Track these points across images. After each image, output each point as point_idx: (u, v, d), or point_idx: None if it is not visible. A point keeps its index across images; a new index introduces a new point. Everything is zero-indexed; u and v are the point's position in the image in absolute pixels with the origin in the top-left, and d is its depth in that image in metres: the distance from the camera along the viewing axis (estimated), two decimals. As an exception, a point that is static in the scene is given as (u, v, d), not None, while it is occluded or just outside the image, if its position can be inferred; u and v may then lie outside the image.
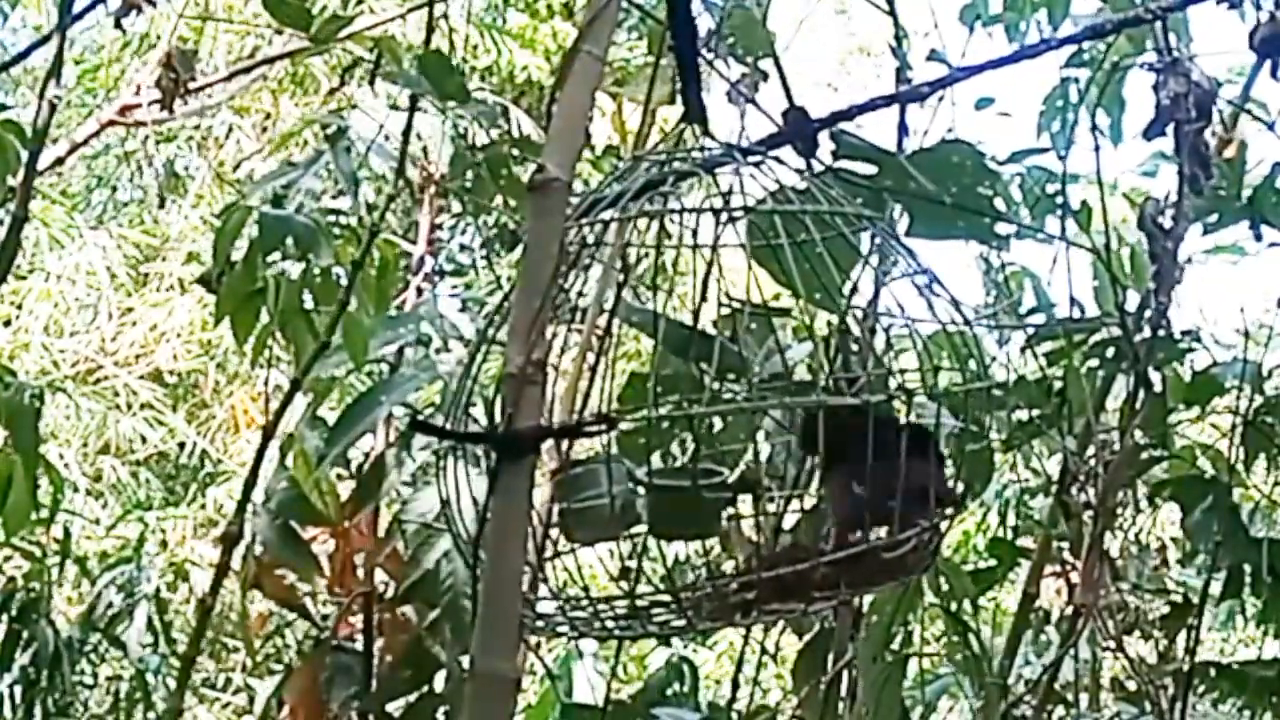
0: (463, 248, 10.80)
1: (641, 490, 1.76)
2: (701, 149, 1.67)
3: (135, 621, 4.50)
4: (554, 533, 2.08)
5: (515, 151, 3.37)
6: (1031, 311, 3.52)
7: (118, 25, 3.76)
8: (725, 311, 1.93)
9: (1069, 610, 3.33)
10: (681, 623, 1.66)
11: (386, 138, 3.29)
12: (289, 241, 3.13)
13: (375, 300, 3.34)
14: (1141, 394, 3.20)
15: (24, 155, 2.96)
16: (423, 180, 3.85)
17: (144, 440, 8.40)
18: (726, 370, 1.89)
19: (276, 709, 3.77)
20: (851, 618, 2.95)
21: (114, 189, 9.63)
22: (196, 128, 8.86)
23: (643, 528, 1.74)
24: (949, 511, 1.71)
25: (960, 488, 1.71)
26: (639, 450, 1.77)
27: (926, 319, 1.68)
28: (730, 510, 1.87)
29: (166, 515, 7.40)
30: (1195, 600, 3.48)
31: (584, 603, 1.65)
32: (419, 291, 3.87)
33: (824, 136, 2.20)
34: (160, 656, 4.60)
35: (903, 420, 1.67)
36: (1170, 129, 2.76)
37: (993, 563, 3.56)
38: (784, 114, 1.82)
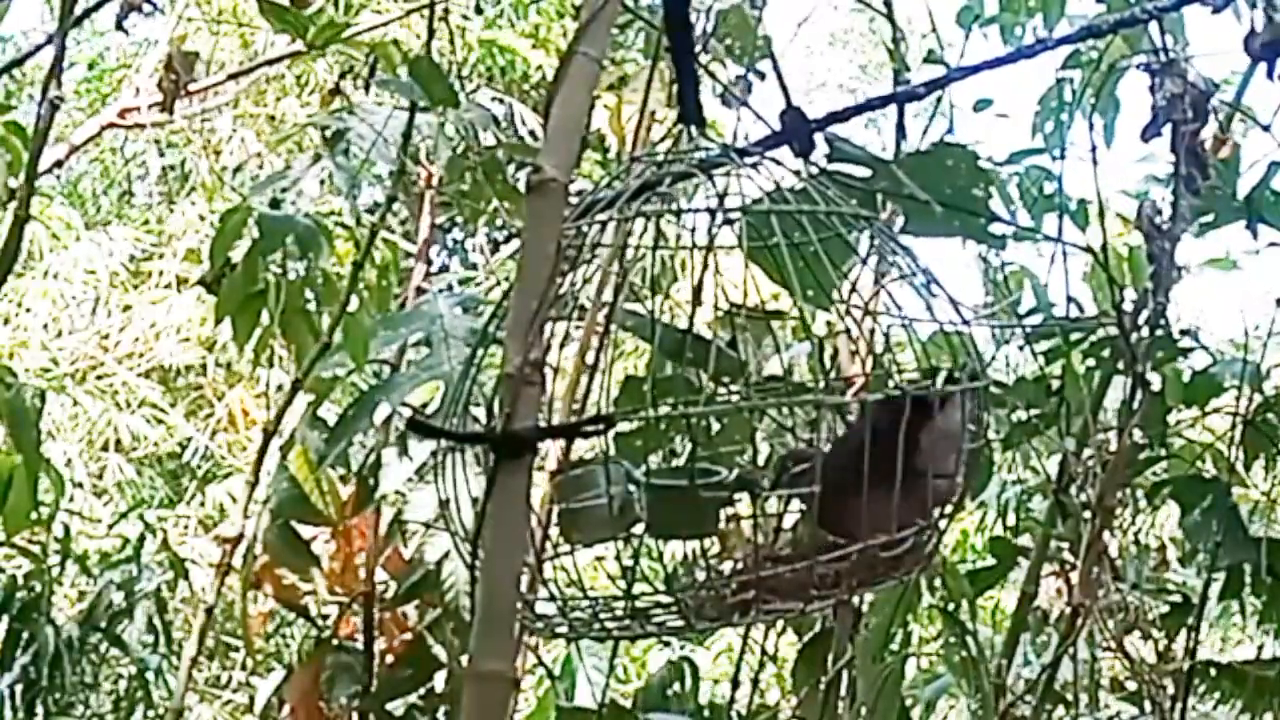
0: (474, 248, 10.81)
1: (639, 490, 1.77)
2: (698, 150, 1.67)
3: (135, 621, 4.50)
4: (553, 533, 2.08)
5: (514, 157, 3.38)
6: (1031, 312, 3.53)
7: (119, 27, 3.76)
8: (722, 313, 1.93)
9: (1068, 610, 3.33)
10: (680, 623, 1.66)
11: (386, 141, 3.30)
12: (289, 242, 3.14)
13: (376, 300, 3.35)
14: (1140, 393, 3.21)
15: (25, 156, 2.97)
16: (423, 180, 3.85)
17: (145, 438, 8.41)
18: (723, 372, 1.90)
19: (277, 708, 3.78)
20: (851, 618, 2.95)
21: (126, 192, 9.64)
22: (198, 131, 8.86)
23: (641, 528, 1.74)
24: (948, 511, 1.72)
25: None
26: (637, 452, 1.77)
27: (924, 318, 1.68)
28: (729, 510, 1.87)
29: (166, 515, 7.40)
30: (1195, 600, 3.48)
31: (583, 603, 1.66)
32: (419, 291, 3.86)
33: (820, 138, 2.20)
34: (160, 656, 4.60)
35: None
36: (1166, 130, 2.76)
37: (991, 562, 3.57)
38: (780, 115, 1.82)
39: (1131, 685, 3.78)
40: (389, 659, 3.64)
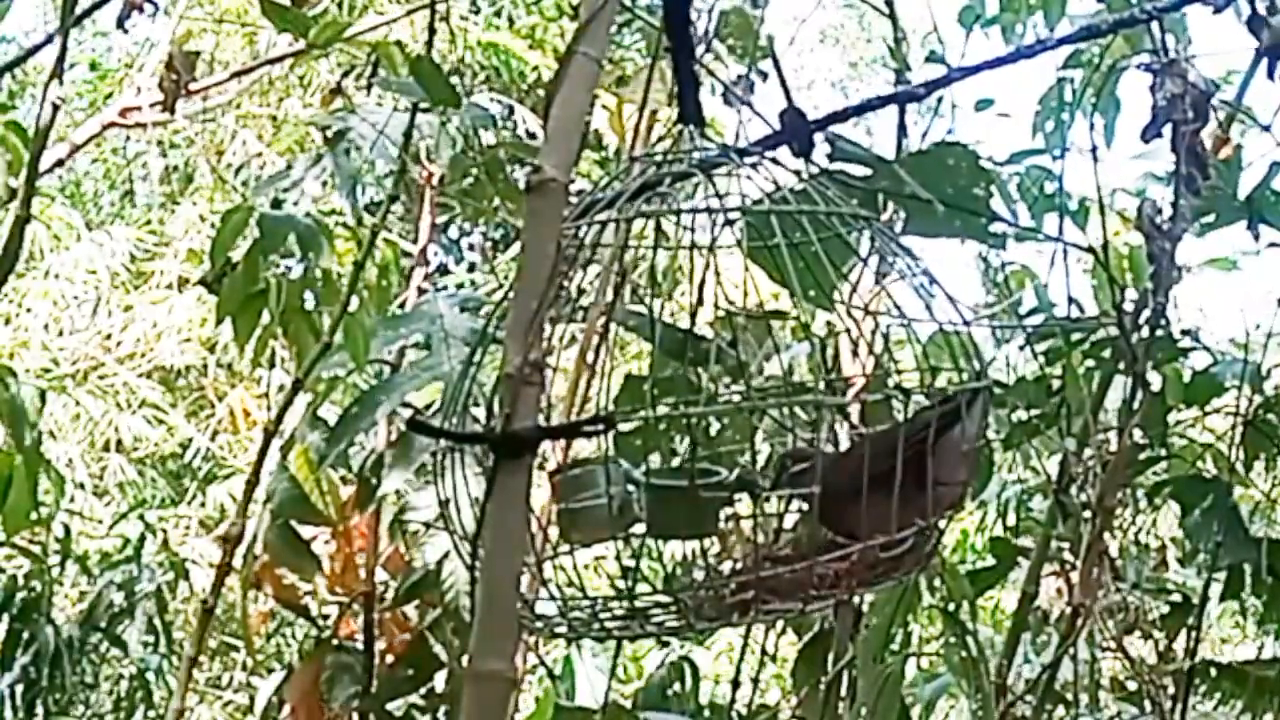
0: (471, 247, 10.83)
1: (639, 490, 1.76)
2: (698, 150, 1.67)
3: (136, 621, 4.50)
4: (553, 533, 2.08)
5: (515, 155, 3.38)
6: (1031, 312, 3.53)
7: (120, 26, 3.76)
8: (722, 314, 1.93)
9: (1068, 610, 3.33)
10: (679, 623, 1.66)
11: (389, 140, 3.30)
12: (290, 242, 3.14)
13: (376, 300, 3.35)
14: (1140, 394, 3.21)
15: (25, 156, 2.97)
16: (424, 180, 3.85)
17: (146, 439, 8.41)
18: (724, 372, 1.90)
19: (277, 708, 3.78)
20: (852, 618, 2.95)
21: (128, 192, 9.64)
22: (200, 131, 8.87)
23: (641, 528, 1.74)
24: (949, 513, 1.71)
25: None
26: (637, 451, 1.77)
27: (924, 319, 1.68)
28: (728, 510, 1.87)
29: (167, 516, 7.40)
30: (1195, 600, 3.48)
31: (582, 603, 1.66)
32: (419, 291, 3.87)
33: (820, 138, 2.20)
34: (161, 656, 4.60)
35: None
36: (1167, 130, 2.76)
37: (991, 562, 3.57)
38: (781, 115, 1.82)
39: (1131, 685, 3.78)
40: (389, 659, 3.64)
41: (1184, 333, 3.38)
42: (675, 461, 1.97)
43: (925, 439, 1.61)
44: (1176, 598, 3.62)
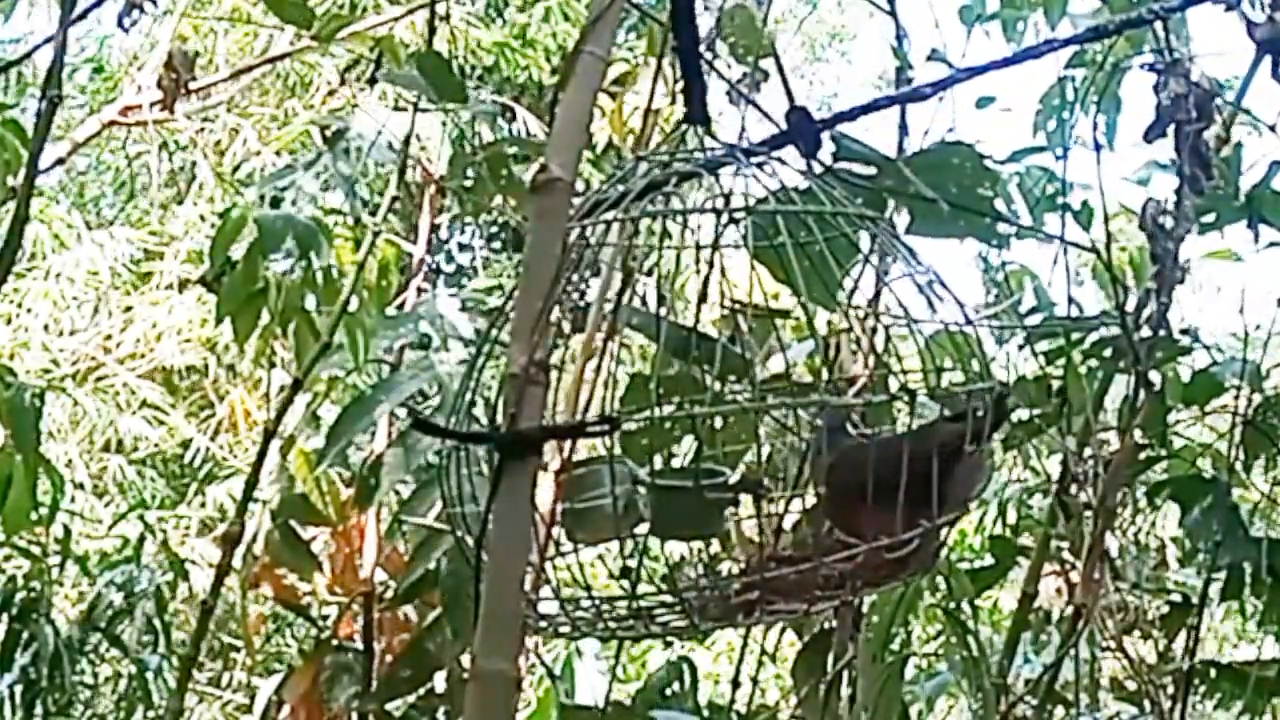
0: (462, 247, 10.81)
1: (644, 490, 1.76)
2: (704, 149, 1.67)
3: (135, 621, 4.49)
4: (557, 532, 2.08)
5: (516, 151, 3.38)
6: (1031, 311, 3.53)
7: (120, 25, 3.76)
8: (726, 312, 1.93)
9: (1069, 610, 3.33)
10: (684, 623, 1.66)
11: (390, 144, 3.29)
12: (290, 241, 3.13)
13: (376, 300, 3.35)
14: (1141, 394, 3.21)
15: (24, 155, 2.97)
16: (423, 180, 3.85)
17: (146, 439, 8.40)
18: (728, 371, 1.89)
19: (277, 708, 3.78)
20: (852, 618, 2.95)
21: (131, 195, 9.63)
22: (200, 130, 8.85)
23: (645, 528, 1.74)
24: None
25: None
26: (642, 451, 1.77)
27: (928, 319, 1.68)
28: (732, 510, 1.87)
29: (167, 516, 7.40)
30: (1195, 600, 3.48)
31: (586, 603, 1.65)
32: (419, 291, 3.87)
33: (825, 137, 2.20)
34: (160, 656, 4.59)
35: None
36: (1171, 130, 2.76)
37: (990, 561, 3.57)
38: (786, 114, 1.82)
39: (1131, 685, 3.78)
40: (389, 659, 3.64)
41: (1184, 331, 3.38)
42: (679, 462, 1.97)
43: (945, 454, 1.61)
44: (1176, 598, 3.62)
